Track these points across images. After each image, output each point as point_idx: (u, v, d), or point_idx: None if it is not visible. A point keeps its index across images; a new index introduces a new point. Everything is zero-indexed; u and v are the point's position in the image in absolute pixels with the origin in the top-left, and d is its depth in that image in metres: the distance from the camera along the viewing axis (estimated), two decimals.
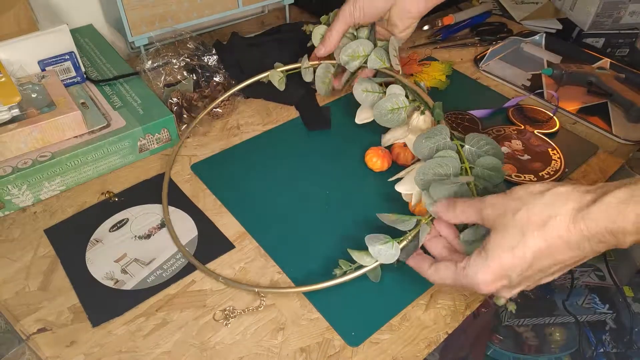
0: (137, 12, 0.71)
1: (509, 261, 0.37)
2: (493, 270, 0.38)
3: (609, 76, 0.74)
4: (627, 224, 0.33)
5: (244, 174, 0.60)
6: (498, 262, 0.37)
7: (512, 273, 0.37)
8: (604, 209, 0.34)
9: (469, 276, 0.39)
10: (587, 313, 1.16)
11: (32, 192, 0.54)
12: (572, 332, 1.17)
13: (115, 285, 0.48)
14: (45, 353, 0.42)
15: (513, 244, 0.37)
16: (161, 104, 0.62)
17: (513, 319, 1.15)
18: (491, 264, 0.38)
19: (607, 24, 0.88)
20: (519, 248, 0.36)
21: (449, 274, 0.41)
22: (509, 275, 0.38)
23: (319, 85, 0.66)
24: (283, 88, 0.67)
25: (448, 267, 0.41)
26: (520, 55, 0.83)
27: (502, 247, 0.37)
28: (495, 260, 0.38)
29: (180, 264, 0.49)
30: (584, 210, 0.34)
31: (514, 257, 0.37)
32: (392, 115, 0.56)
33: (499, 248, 0.37)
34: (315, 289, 0.47)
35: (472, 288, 0.40)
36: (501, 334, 1.16)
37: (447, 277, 0.41)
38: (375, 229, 0.53)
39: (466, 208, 0.41)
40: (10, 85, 0.54)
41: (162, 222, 0.54)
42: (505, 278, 0.38)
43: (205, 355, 0.43)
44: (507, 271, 0.37)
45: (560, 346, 1.16)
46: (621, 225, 0.33)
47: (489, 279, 0.38)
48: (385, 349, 0.44)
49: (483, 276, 0.38)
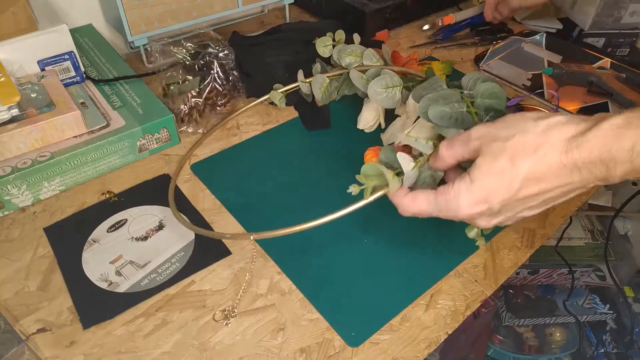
0: (137, 12, 0.71)
1: (493, 185, 0.36)
2: (475, 192, 0.37)
3: (609, 76, 0.74)
4: (621, 152, 0.32)
5: (243, 174, 0.60)
6: (482, 184, 0.37)
7: (495, 198, 0.37)
8: (600, 135, 0.33)
9: (450, 200, 0.38)
10: (587, 313, 1.16)
11: (31, 192, 0.54)
12: (573, 332, 1.17)
13: (108, 287, 0.47)
14: (45, 353, 0.42)
15: (501, 169, 0.36)
16: (161, 104, 0.62)
17: (513, 319, 1.15)
18: (474, 186, 0.37)
19: (608, 23, 0.87)
20: (506, 173, 0.36)
21: (428, 203, 0.40)
22: (491, 200, 0.37)
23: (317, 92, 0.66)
24: (284, 106, 0.68)
25: (428, 195, 0.40)
26: (521, 54, 0.83)
27: (488, 171, 0.37)
28: (479, 183, 0.37)
29: (175, 268, 0.49)
30: (579, 138, 0.34)
31: (500, 181, 0.36)
32: (386, 93, 0.56)
33: (485, 172, 0.37)
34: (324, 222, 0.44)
35: (452, 213, 0.39)
36: (501, 334, 1.16)
37: (425, 206, 0.41)
38: (375, 228, 0.53)
39: (451, 147, 0.40)
40: (10, 85, 0.54)
41: (159, 224, 0.53)
42: (486, 202, 0.37)
43: (205, 355, 0.43)
44: (490, 195, 0.37)
45: (561, 346, 1.16)
46: (615, 154, 0.32)
47: (470, 201, 0.37)
48: (386, 349, 0.44)
49: (465, 198, 0.38)
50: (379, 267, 0.50)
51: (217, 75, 0.68)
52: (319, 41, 0.66)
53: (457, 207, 0.38)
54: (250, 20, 0.91)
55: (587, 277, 1.17)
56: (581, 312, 1.16)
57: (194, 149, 0.62)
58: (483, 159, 0.37)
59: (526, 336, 1.18)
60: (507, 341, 1.16)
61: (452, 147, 0.40)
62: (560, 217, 0.56)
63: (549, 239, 0.55)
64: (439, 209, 0.40)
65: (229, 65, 0.69)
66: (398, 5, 0.86)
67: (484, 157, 0.37)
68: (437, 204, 0.40)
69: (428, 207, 0.41)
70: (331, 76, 0.64)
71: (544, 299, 1.18)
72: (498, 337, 1.16)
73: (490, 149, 0.37)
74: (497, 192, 0.36)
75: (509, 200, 0.37)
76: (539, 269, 1.15)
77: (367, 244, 0.52)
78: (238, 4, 0.80)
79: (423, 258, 0.51)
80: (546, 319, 1.15)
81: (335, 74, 0.64)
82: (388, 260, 0.50)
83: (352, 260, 0.50)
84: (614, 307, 1.16)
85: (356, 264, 0.50)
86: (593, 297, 1.18)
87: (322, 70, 0.66)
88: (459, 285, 0.49)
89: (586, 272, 1.16)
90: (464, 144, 0.39)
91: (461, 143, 0.40)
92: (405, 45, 0.85)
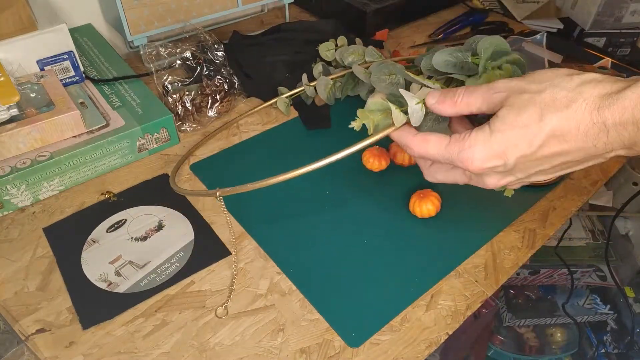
0: (136, 11, 0.71)
1: (515, 139, 0.34)
2: (494, 145, 0.34)
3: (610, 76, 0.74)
4: None
5: (243, 173, 0.60)
6: (502, 137, 0.34)
7: (512, 154, 0.34)
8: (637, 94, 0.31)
9: (464, 150, 0.35)
10: (588, 314, 1.16)
11: (30, 192, 0.54)
12: (573, 333, 1.16)
13: (108, 288, 0.47)
14: (44, 354, 0.42)
15: (527, 122, 0.33)
16: (160, 104, 0.62)
17: (514, 320, 1.14)
18: (494, 138, 0.34)
19: (609, 23, 0.87)
20: (531, 127, 0.33)
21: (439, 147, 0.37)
22: (509, 155, 0.34)
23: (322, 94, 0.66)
24: (289, 113, 0.68)
25: (440, 139, 0.37)
26: (521, 54, 0.83)
27: (513, 123, 0.34)
28: (499, 135, 0.34)
29: (175, 269, 0.49)
30: (613, 96, 0.31)
31: (522, 136, 0.33)
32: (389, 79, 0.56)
33: (509, 124, 0.34)
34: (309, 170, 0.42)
35: (462, 164, 0.36)
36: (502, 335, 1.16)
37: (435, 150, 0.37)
38: (376, 229, 0.53)
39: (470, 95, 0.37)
40: (9, 84, 0.54)
41: (159, 224, 0.53)
42: (502, 158, 0.35)
43: (204, 356, 0.43)
44: (509, 150, 0.34)
45: (561, 347, 1.16)
46: None
47: (485, 154, 0.35)
48: (386, 349, 0.43)
49: (480, 149, 0.35)
50: (379, 268, 0.49)
51: (216, 74, 0.68)
52: (322, 46, 0.66)
53: (471, 158, 0.35)
54: (250, 19, 0.91)
55: (587, 278, 1.17)
56: (582, 313, 1.16)
57: (194, 149, 0.62)
58: (509, 110, 0.34)
59: (527, 337, 1.17)
60: (508, 342, 1.16)
61: (471, 94, 0.37)
62: (561, 217, 0.56)
63: (550, 239, 0.55)
64: (450, 157, 0.37)
65: (226, 65, 0.69)
66: (398, 5, 0.86)
67: (509, 109, 0.34)
68: (449, 151, 0.37)
69: (438, 152, 0.37)
70: (335, 77, 0.64)
71: (544, 300, 1.18)
72: (498, 338, 1.16)
73: (517, 100, 0.34)
74: (517, 147, 0.34)
75: (527, 158, 0.34)
76: (540, 269, 1.15)
77: (367, 244, 0.52)
78: (238, 4, 0.80)
79: (423, 258, 0.50)
80: (547, 319, 1.15)
81: (338, 75, 0.64)
82: (388, 261, 0.50)
83: (352, 261, 0.50)
84: (615, 307, 1.16)
85: (356, 264, 0.50)
86: (594, 298, 1.18)
87: (324, 70, 0.66)
88: (460, 285, 0.48)
89: (587, 272, 1.16)
90: (485, 93, 0.36)
91: (483, 92, 0.36)
92: (405, 45, 0.85)
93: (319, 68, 0.66)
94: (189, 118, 0.65)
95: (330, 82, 0.63)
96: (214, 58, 0.69)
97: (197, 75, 0.68)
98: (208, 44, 0.70)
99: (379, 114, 0.41)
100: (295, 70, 0.71)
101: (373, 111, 0.42)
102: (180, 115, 0.64)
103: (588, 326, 1.18)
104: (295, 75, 0.70)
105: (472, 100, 0.37)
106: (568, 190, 0.59)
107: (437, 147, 0.38)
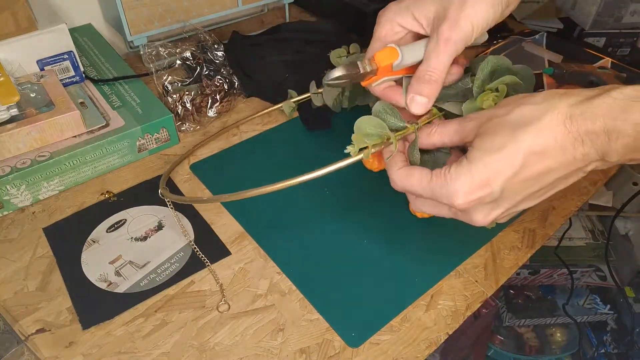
0: (136, 11, 0.71)
1: (494, 164, 0.33)
2: (475, 174, 0.33)
3: (610, 76, 0.74)
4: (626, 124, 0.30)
5: (243, 173, 0.60)
6: (482, 165, 0.33)
7: (496, 180, 0.33)
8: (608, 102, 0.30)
9: (446, 184, 0.34)
10: (588, 314, 1.16)
11: (30, 192, 0.54)
12: (573, 333, 1.16)
13: (108, 288, 0.47)
14: (44, 354, 0.42)
15: (502, 144, 0.33)
16: (160, 104, 0.62)
17: (514, 320, 1.14)
18: (473, 167, 0.33)
19: (608, 23, 0.87)
20: (508, 148, 0.32)
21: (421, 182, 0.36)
22: (492, 183, 0.33)
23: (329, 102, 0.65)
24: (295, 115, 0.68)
25: (423, 173, 0.37)
26: (521, 54, 0.83)
27: (488, 149, 0.33)
28: (478, 163, 0.33)
29: (175, 269, 0.49)
30: (584, 104, 0.31)
31: (501, 159, 0.33)
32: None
33: (484, 151, 0.33)
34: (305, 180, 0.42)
35: (445, 200, 0.35)
36: (502, 335, 1.16)
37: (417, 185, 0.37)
38: (375, 229, 0.53)
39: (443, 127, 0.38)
40: (9, 84, 0.54)
41: (159, 224, 0.53)
42: (487, 187, 0.33)
43: (204, 356, 0.43)
44: (492, 177, 0.33)
45: (561, 347, 1.16)
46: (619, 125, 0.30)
47: (468, 186, 0.34)
48: (386, 349, 0.43)
49: (463, 182, 0.34)
50: (379, 267, 0.49)
51: (216, 74, 0.68)
52: (333, 52, 0.66)
53: (454, 192, 0.34)
54: (250, 19, 0.91)
55: (587, 278, 1.17)
56: (582, 313, 1.16)
57: (194, 150, 0.62)
58: (482, 138, 0.34)
59: (527, 337, 1.17)
60: (508, 342, 1.16)
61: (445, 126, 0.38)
62: (561, 217, 0.56)
63: (550, 239, 0.55)
64: (432, 192, 0.36)
65: (226, 65, 0.69)
66: None
67: (482, 136, 0.34)
68: (431, 186, 0.36)
69: (420, 187, 0.37)
70: None
71: (544, 300, 1.18)
72: (498, 338, 1.16)
73: (488, 126, 0.34)
74: (500, 172, 0.33)
75: (512, 182, 0.33)
76: (540, 269, 1.15)
77: (367, 244, 0.52)
78: (238, 4, 0.80)
79: (423, 258, 0.50)
80: (547, 319, 1.15)
81: None
82: (388, 261, 0.50)
83: (352, 261, 0.50)
84: (615, 307, 1.16)
85: (356, 264, 0.50)
86: (594, 298, 1.18)
87: None
88: (460, 285, 0.48)
89: (587, 272, 1.16)
90: (457, 125, 0.37)
91: (455, 123, 0.37)
92: None
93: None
94: (188, 118, 0.65)
95: (337, 90, 0.63)
96: (214, 58, 0.69)
97: (197, 75, 0.68)
98: (208, 44, 0.70)
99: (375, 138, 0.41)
100: (295, 70, 0.70)
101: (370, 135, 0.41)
102: (180, 115, 0.64)
103: (588, 326, 1.19)
104: (294, 75, 0.70)
105: (446, 131, 0.38)
106: (568, 190, 0.59)
107: (419, 183, 0.37)
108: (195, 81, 0.68)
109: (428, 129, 0.40)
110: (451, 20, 0.38)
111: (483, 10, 0.39)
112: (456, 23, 0.38)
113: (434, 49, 0.39)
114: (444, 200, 0.35)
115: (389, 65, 0.41)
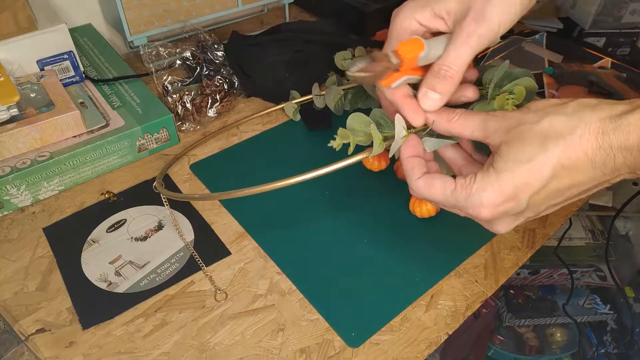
0: (136, 11, 0.71)
1: (523, 177, 0.32)
2: (503, 188, 0.32)
3: (610, 75, 0.74)
4: None
5: (243, 173, 0.60)
6: (510, 178, 0.32)
7: (524, 193, 0.32)
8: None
9: (472, 195, 0.33)
10: (588, 314, 1.16)
11: (30, 192, 0.54)
12: (573, 333, 1.16)
13: (108, 288, 0.47)
14: (44, 354, 0.42)
15: (531, 155, 0.31)
16: (160, 104, 0.62)
17: (514, 320, 1.14)
18: (502, 179, 0.32)
19: (608, 23, 0.87)
20: (537, 160, 0.31)
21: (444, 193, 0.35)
22: (519, 196, 0.32)
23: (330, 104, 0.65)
24: (298, 119, 0.67)
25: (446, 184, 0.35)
26: (521, 54, 0.83)
27: (517, 160, 0.32)
28: (507, 175, 0.32)
29: (175, 269, 0.49)
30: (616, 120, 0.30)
31: (530, 171, 0.31)
32: None
33: (513, 162, 0.32)
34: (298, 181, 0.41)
35: (471, 211, 0.34)
36: (502, 335, 1.16)
37: (440, 196, 0.35)
38: (375, 229, 0.53)
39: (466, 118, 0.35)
40: (9, 84, 0.54)
41: (159, 224, 0.53)
42: (514, 199, 0.32)
43: (204, 356, 0.43)
44: (520, 190, 0.32)
45: (562, 347, 1.16)
46: None
47: (496, 199, 0.32)
48: (386, 349, 0.43)
49: (490, 195, 0.32)
50: (379, 267, 0.49)
51: (216, 74, 0.68)
52: (337, 55, 0.66)
53: (480, 204, 0.33)
54: (250, 19, 0.91)
55: (587, 278, 1.17)
56: (582, 313, 1.16)
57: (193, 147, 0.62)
58: (509, 146, 0.33)
59: (527, 336, 1.17)
60: (508, 341, 1.16)
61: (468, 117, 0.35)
62: (561, 217, 0.56)
63: (550, 239, 0.55)
64: (455, 202, 0.35)
65: (226, 65, 0.69)
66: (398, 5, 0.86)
67: (510, 144, 0.33)
68: (455, 198, 0.34)
69: (443, 198, 0.35)
70: (346, 88, 0.64)
71: (544, 300, 1.18)
72: (498, 338, 1.16)
73: (516, 134, 0.33)
74: (527, 186, 0.32)
75: (539, 195, 0.32)
76: (540, 269, 1.15)
77: (367, 244, 0.52)
78: (238, 4, 0.80)
79: (423, 258, 0.50)
80: (547, 319, 1.15)
81: (350, 86, 0.64)
82: (388, 261, 0.50)
83: (352, 261, 0.50)
84: (615, 307, 1.16)
85: (356, 264, 0.50)
86: (594, 298, 1.18)
87: (338, 81, 0.66)
88: (460, 285, 0.48)
89: (587, 272, 1.16)
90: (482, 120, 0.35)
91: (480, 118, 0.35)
92: None
93: (333, 79, 0.66)
94: (188, 118, 0.65)
95: (340, 93, 0.63)
96: (214, 58, 0.69)
97: (197, 75, 0.68)
98: (208, 44, 0.70)
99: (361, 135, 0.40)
100: (295, 70, 0.70)
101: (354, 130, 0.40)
102: (180, 115, 0.64)
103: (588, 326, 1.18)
104: (294, 75, 0.70)
105: (468, 123, 0.36)
106: None
107: (442, 193, 0.35)
108: (195, 81, 0.68)
109: (449, 114, 0.37)
110: (476, 13, 0.35)
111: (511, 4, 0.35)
112: (482, 16, 0.35)
113: (454, 42, 0.36)
114: (470, 212, 0.34)
115: (414, 58, 0.37)
